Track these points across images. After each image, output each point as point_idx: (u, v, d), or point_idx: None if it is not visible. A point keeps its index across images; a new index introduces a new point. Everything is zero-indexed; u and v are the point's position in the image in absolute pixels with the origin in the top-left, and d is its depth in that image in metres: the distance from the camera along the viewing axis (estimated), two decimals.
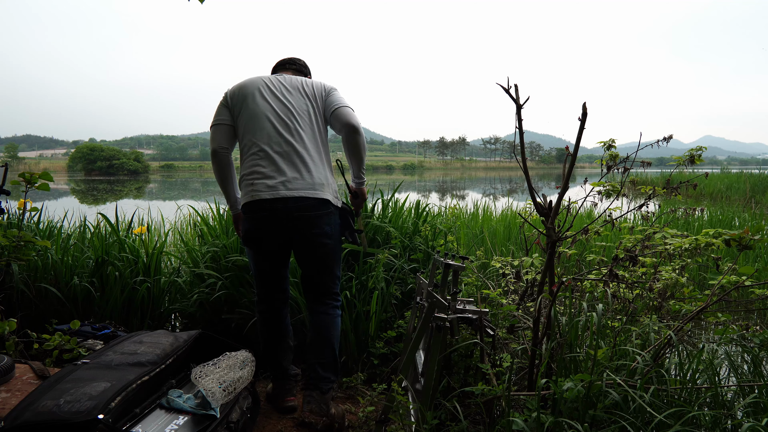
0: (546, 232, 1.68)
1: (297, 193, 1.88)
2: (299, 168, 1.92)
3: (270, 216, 1.89)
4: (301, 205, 1.89)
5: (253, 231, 1.95)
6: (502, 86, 1.60)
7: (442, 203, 7.01)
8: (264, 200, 1.88)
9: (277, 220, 1.89)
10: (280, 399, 2.06)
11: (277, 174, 1.89)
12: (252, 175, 1.92)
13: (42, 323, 2.51)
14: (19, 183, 2.46)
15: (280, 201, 1.87)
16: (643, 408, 1.37)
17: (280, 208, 1.88)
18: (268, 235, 1.94)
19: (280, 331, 2.10)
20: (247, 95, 1.99)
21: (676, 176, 9.95)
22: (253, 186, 1.90)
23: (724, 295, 1.78)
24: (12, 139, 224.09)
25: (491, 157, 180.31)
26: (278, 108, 1.97)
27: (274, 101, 1.98)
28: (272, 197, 1.87)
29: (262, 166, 1.91)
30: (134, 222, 3.32)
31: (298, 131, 1.96)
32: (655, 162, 2.52)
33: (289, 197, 1.87)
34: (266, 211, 1.89)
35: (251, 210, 1.92)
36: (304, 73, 2.24)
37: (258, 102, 1.97)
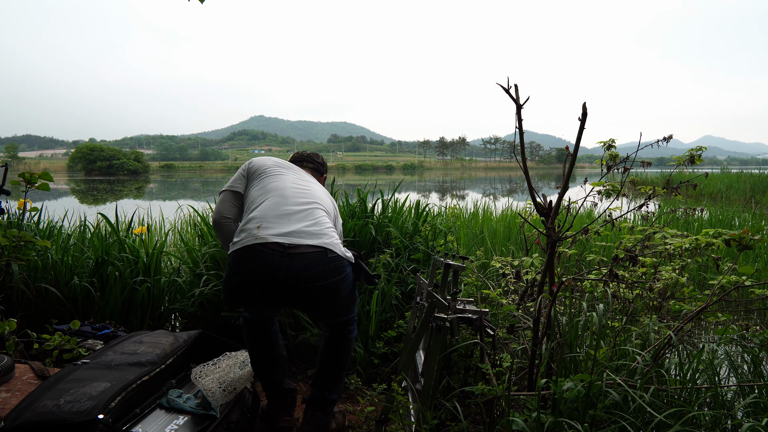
0: (546, 232, 1.68)
1: (310, 241, 1.68)
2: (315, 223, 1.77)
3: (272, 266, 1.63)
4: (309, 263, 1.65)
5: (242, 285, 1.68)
6: (502, 86, 1.60)
7: (442, 203, 7.01)
8: (267, 244, 1.64)
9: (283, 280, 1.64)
10: (275, 418, 1.86)
11: (289, 222, 1.73)
12: (257, 219, 1.72)
13: (42, 323, 2.51)
14: (19, 183, 2.46)
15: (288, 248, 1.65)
16: (643, 408, 1.37)
17: (286, 265, 1.63)
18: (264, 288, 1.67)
19: (270, 342, 1.88)
20: (269, 165, 1.98)
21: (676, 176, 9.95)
22: (258, 228, 1.68)
23: (724, 295, 1.78)
24: (12, 139, 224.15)
25: (491, 157, 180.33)
26: (299, 181, 1.93)
27: (295, 177, 1.96)
28: (279, 242, 1.65)
29: (272, 215, 1.74)
30: (134, 222, 3.31)
31: (316, 200, 1.87)
32: (655, 162, 2.52)
33: (298, 245, 1.66)
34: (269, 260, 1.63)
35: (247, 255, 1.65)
36: (320, 172, 2.24)
37: (280, 171, 1.95)
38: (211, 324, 2.72)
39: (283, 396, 1.90)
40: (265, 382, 1.90)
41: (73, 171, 62.78)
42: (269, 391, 1.91)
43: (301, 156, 2.26)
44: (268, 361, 1.87)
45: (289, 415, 1.88)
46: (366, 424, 1.92)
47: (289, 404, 1.91)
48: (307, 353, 2.50)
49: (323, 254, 1.68)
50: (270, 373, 1.88)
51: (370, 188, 3.40)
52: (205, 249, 2.91)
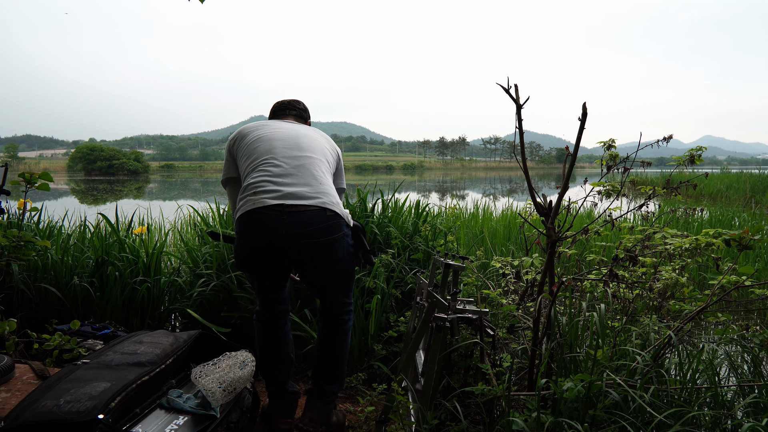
0: (546, 232, 1.68)
1: (306, 200, 1.71)
2: (312, 182, 1.77)
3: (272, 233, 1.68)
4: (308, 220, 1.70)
5: (248, 249, 1.75)
6: (502, 86, 1.60)
7: (442, 203, 7.01)
8: (267, 207, 1.69)
9: (282, 240, 1.68)
10: (275, 419, 1.85)
11: (287, 183, 1.74)
12: (256, 185, 1.74)
13: (42, 323, 2.51)
14: (19, 183, 2.46)
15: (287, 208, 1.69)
16: (643, 408, 1.37)
17: (286, 223, 1.67)
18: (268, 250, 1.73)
19: (279, 340, 1.91)
20: (249, 131, 1.93)
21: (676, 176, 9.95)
22: (256, 194, 1.72)
23: (724, 295, 1.78)
24: (12, 139, 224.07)
25: (491, 157, 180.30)
26: (288, 134, 1.88)
27: (283, 129, 1.91)
28: (279, 203, 1.69)
29: (268, 177, 1.75)
30: (134, 222, 3.31)
31: (309, 153, 1.85)
32: (655, 162, 2.52)
33: (296, 205, 1.70)
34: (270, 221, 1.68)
35: (250, 221, 1.71)
36: (304, 119, 2.18)
37: (264, 130, 1.90)
38: (211, 324, 2.72)
39: (285, 397, 1.90)
40: (269, 382, 1.91)
41: (73, 171, 62.78)
42: (272, 391, 1.91)
43: (281, 105, 2.17)
44: (275, 360, 1.89)
45: (289, 417, 1.87)
46: (366, 424, 1.92)
47: (291, 406, 1.90)
48: (309, 355, 2.50)
49: (322, 212, 1.73)
50: (275, 373, 1.89)
51: (370, 188, 3.40)
52: (205, 249, 2.91)
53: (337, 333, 1.91)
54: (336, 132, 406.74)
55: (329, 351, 1.91)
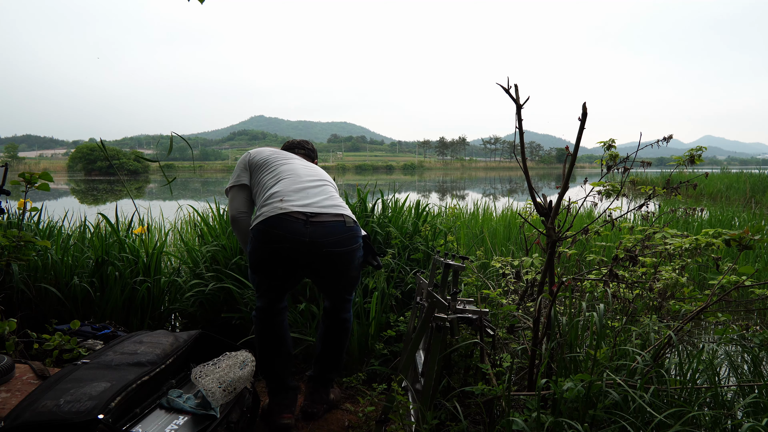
0: (546, 232, 1.68)
1: (330, 210, 1.83)
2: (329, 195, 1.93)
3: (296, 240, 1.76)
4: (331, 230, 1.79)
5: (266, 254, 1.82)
6: (502, 86, 1.60)
7: (442, 203, 7.01)
8: (291, 213, 1.77)
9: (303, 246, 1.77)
10: (276, 415, 1.88)
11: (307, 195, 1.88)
12: (277, 195, 1.85)
13: (42, 323, 2.51)
14: (19, 183, 2.46)
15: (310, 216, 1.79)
16: (643, 408, 1.37)
17: (310, 231, 1.76)
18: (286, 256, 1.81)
19: (280, 338, 1.95)
20: (268, 153, 2.10)
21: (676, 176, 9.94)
22: (281, 201, 1.81)
23: (724, 295, 1.78)
24: (12, 139, 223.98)
25: (491, 157, 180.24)
26: (302, 164, 2.07)
27: (298, 160, 2.09)
28: (303, 211, 1.79)
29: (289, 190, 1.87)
30: (134, 222, 3.31)
31: (324, 179, 2.03)
32: (655, 162, 2.52)
33: (321, 213, 1.81)
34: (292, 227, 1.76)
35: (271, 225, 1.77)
36: (311, 158, 2.34)
37: (283, 154, 2.08)
38: (211, 324, 2.72)
39: (286, 393, 1.93)
40: (269, 378, 1.94)
41: (73, 171, 62.78)
42: (272, 387, 1.94)
43: (291, 144, 2.37)
44: (274, 356, 1.93)
45: (290, 412, 1.90)
46: (366, 424, 1.92)
47: (291, 401, 1.94)
48: (306, 354, 2.50)
49: (342, 223, 1.84)
50: (275, 368, 1.93)
51: (370, 188, 3.40)
52: (205, 249, 2.91)
53: (340, 329, 2.04)
54: (336, 132, 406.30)
55: (331, 344, 2.03)
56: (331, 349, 2.03)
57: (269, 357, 1.93)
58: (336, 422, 2.00)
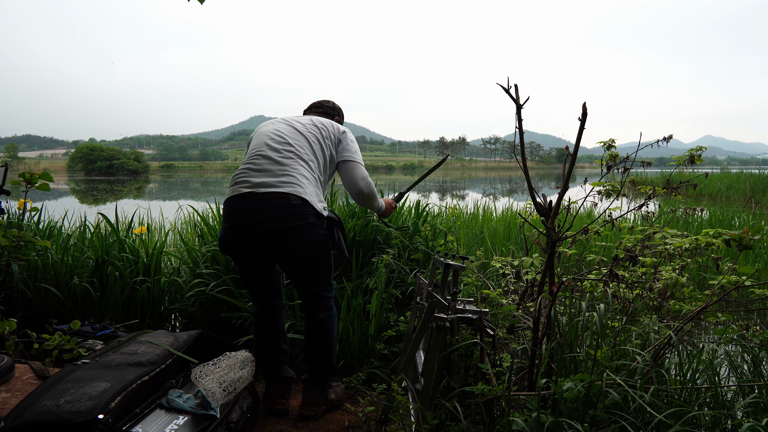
0: (546, 232, 1.68)
1: (273, 189, 1.80)
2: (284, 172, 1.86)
3: (244, 211, 1.81)
4: (273, 206, 1.78)
5: (226, 233, 1.89)
6: (502, 86, 1.60)
7: (442, 203, 7.01)
8: (241, 195, 1.81)
9: (251, 224, 1.81)
10: (272, 401, 2.02)
11: (262, 173, 1.85)
12: (236, 176, 1.90)
13: (42, 323, 2.51)
14: (19, 183, 2.46)
15: (256, 196, 1.79)
16: (643, 408, 1.37)
17: (253, 208, 1.79)
18: (242, 237, 1.87)
19: (274, 335, 2.05)
20: (259, 127, 2.10)
21: (676, 176, 9.95)
22: (235, 184, 1.87)
23: (724, 295, 1.78)
24: (12, 139, 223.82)
25: (491, 157, 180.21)
26: (282, 129, 2.00)
27: (280, 126, 2.03)
28: (251, 191, 1.80)
29: (248, 169, 1.89)
30: (134, 222, 3.31)
31: (294, 147, 1.93)
32: (655, 162, 2.52)
33: (266, 192, 1.79)
34: (242, 208, 1.81)
35: (226, 207, 1.87)
36: (329, 115, 2.27)
37: (267, 127, 2.06)
38: (211, 324, 2.72)
39: (279, 382, 2.05)
40: (265, 369, 2.07)
41: (73, 171, 62.76)
42: (268, 377, 2.06)
43: (311, 105, 2.34)
44: (269, 352, 2.05)
45: (284, 399, 2.04)
46: (366, 424, 1.92)
47: (284, 389, 2.05)
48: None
49: (286, 200, 1.80)
50: (270, 363, 2.05)
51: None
52: (205, 249, 2.91)
53: (318, 329, 1.99)
54: None
55: (313, 346, 2.02)
56: (315, 352, 2.01)
57: (264, 351, 2.06)
58: (336, 422, 2.00)
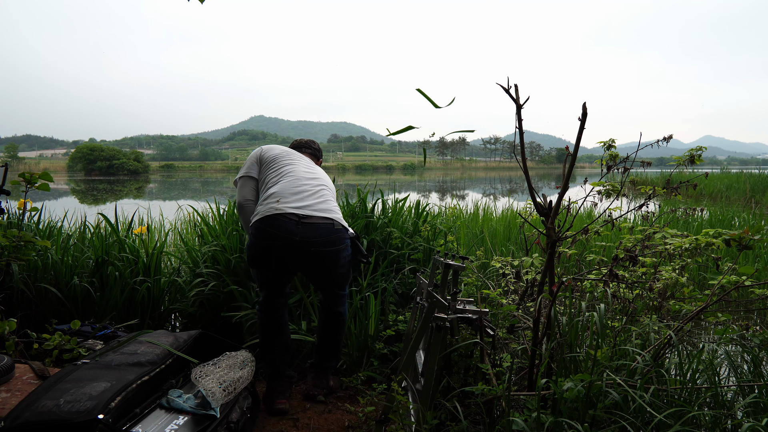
0: (546, 232, 1.68)
1: (321, 214, 2.00)
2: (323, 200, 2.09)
3: (288, 231, 1.95)
4: (319, 231, 1.99)
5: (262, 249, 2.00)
6: (502, 86, 1.60)
7: (442, 203, 7.01)
8: (285, 214, 1.96)
9: (295, 245, 1.96)
10: (272, 400, 2.04)
11: (303, 197, 2.05)
12: (276, 195, 2.04)
13: (42, 323, 2.51)
14: (19, 183, 2.46)
15: (302, 218, 1.97)
16: (643, 408, 1.37)
17: (300, 231, 1.96)
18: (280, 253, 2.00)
19: (279, 331, 2.13)
20: (278, 152, 2.25)
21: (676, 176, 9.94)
22: (278, 203, 2.00)
23: (724, 295, 1.78)
24: (12, 139, 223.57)
25: (491, 157, 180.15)
26: (306, 165, 2.24)
27: (303, 161, 2.26)
28: (295, 213, 1.96)
29: (287, 191, 2.05)
30: (134, 222, 3.31)
31: (323, 182, 2.19)
32: (655, 162, 2.52)
33: (312, 215, 1.99)
34: (286, 226, 1.95)
35: (268, 224, 1.96)
36: (317, 157, 2.53)
37: (290, 155, 2.25)
38: (211, 324, 2.72)
39: (281, 381, 2.09)
40: (267, 365, 2.11)
41: (73, 171, 62.74)
42: (269, 374, 2.11)
43: (299, 143, 2.57)
44: (273, 346, 2.11)
45: (285, 398, 2.07)
46: (366, 424, 1.92)
47: (285, 388, 2.10)
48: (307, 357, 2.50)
49: (331, 225, 2.02)
50: (273, 357, 2.10)
51: (370, 188, 3.40)
52: (205, 249, 2.91)
53: (335, 321, 2.19)
54: (336, 132, 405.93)
55: (329, 335, 2.20)
56: (328, 340, 2.20)
57: (269, 346, 2.11)
58: (336, 422, 2.00)
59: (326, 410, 2.09)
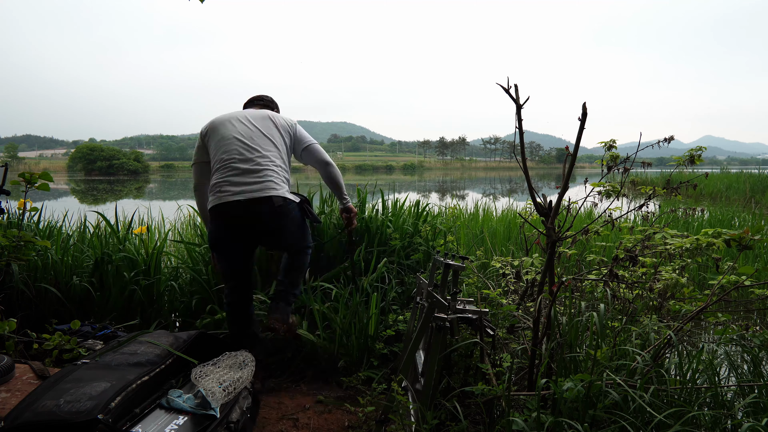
0: (546, 232, 1.68)
1: (259, 194, 2.09)
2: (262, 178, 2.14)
3: (237, 216, 2.09)
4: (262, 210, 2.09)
5: (219, 232, 2.16)
6: (502, 86, 1.60)
7: (442, 203, 7.01)
8: (230, 203, 2.06)
9: (243, 219, 2.10)
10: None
11: (243, 182, 2.11)
12: (221, 184, 2.12)
13: (42, 323, 2.51)
14: (19, 183, 2.46)
15: (244, 202, 2.06)
16: (643, 408, 1.37)
17: (247, 209, 2.07)
18: (234, 234, 2.14)
19: (247, 320, 2.29)
20: (218, 126, 2.26)
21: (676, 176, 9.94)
22: (221, 192, 2.10)
23: (724, 295, 1.78)
24: (12, 139, 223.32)
25: (491, 157, 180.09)
26: (244, 131, 2.23)
27: (240, 127, 2.24)
28: (238, 199, 2.06)
29: (230, 177, 2.11)
30: (134, 222, 3.31)
31: (260, 149, 2.19)
32: (655, 162, 2.52)
33: (252, 198, 2.07)
34: (233, 213, 2.08)
35: (218, 212, 2.10)
36: (270, 107, 2.54)
37: (228, 128, 2.24)
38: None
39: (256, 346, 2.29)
40: None
41: (73, 171, 62.72)
42: None
43: (251, 100, 2.58)
44: (243, 336, 2.27)
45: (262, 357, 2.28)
46: (366, 424, 1.92)
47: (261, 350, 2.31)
48: (308, 357, 2.50)
49: (271, 203, 2.11)
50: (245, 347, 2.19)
51: (370, 188, 3.40)
52: (205, 249, 2.90)
53: (297, 260, 2.34)
54: (336, 132, 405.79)
55: (291, 269, 2.33)
56: (291, 273, 2.32)
57: (239, 336, 2.27)
58: (336, 422, 2.00)
59: (326, 410, 2.09)
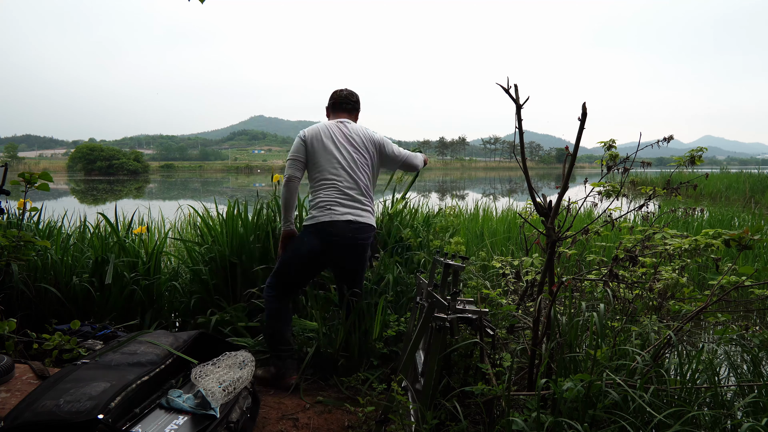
0: (546, 232, 1.68)
1: (363, 220, 2.30)
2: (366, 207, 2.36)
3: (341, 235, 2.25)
4: (364, 232, 2.31)
5: (318, 246, 2.28)
6: (502, 86, 1.60)
7: (442, 203, 7.01)
8: (341, 222, 2.24)
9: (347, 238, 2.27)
10: (284, 377, 2.27)
11: (352, 206, 2.30)
12: (331, 204, 2.28)
13: (42, 323, 2.51)
14: (19, 183, 2.46)
15: (354, 224, 2.27)
16: (643, 408, 1.37)
17: (351, 230, 2.27)
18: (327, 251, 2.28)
19: (290, 320, 2.41)
20: (323, 139, 2.36)
21: (676, 176, 9.93)
22: (332, 210, 2.26)
23: (724, 295, 1.78)
24: (12, 139, 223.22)
25: (491, 157, 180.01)
26: (348, 158, 2.36)
27: (345, 152, 2.36)
28: (348, 219, 2.25)
29: (340, 199, 2.29)
30: (134, 222, 3.31)
31: (360, 176, 2.36)
32: (655, 162, 2.52)
33: (358, 222, 2.28)
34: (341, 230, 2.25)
35: (325, 228, 2.25)
36: (357, 110, 2.62)
37: (331, 149, 2.35)
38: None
39: (293, 358, 2.33)
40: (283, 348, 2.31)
41: (73, 171, 62.71)
42: (286, 354, 2.31)
43: (341, 99, 2.56)
44: (286, 332, 2.33)
45: (294, 374, 2.30)
46: (366, 424, 1.92)
47: (297, 366, 2.34)
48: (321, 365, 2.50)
49: (372, 230, 2.39)
50: (287, 339, 2.33)
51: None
52: (205, 248, 2.90)
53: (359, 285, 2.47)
54: None
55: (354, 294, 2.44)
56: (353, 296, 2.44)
57: (282, 332, 2.32)
58: (336, 422, 2.00)
59: (326, 410, 2.09)
